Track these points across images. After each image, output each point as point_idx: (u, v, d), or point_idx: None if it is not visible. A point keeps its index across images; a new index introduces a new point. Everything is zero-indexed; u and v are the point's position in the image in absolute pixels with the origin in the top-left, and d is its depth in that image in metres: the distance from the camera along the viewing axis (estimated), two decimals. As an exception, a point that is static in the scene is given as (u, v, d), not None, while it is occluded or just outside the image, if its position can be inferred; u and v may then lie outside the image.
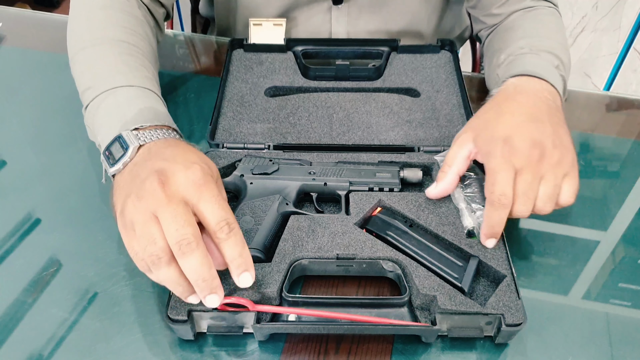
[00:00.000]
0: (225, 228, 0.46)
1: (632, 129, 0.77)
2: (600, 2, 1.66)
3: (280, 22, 0.79)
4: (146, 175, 0.47)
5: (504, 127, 0.56)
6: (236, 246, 0.47)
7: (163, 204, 0.45)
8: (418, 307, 0.54)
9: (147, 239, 0.45)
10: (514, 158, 0.54)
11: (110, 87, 0.58)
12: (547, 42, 0.69)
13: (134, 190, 0.47)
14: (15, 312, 0.55)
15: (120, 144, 0.52)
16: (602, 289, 0.59)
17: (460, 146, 0.58)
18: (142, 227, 0.45)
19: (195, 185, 0.46)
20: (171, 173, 0.47)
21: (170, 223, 0.44)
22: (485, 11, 0.79)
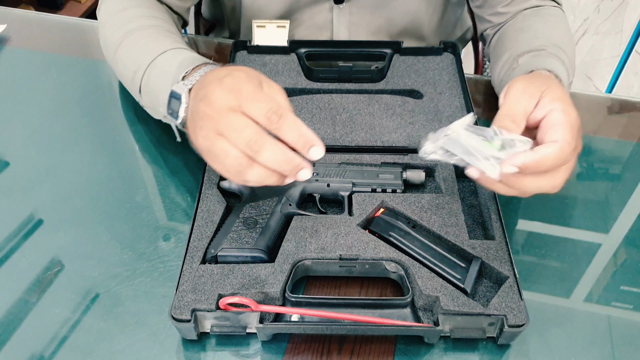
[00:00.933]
0: (273, 117, 0.48)
1: (633, 131, 0.77)
2: (602, 5, 1.67)
3: (283, 24, 0.79)
4: (196, 107, 0.51)
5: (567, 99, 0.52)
6: (291, 129, 0.48)
7: (218, 121, 0.48)
8: (421, 308, 0.54)
9: (223, 155, 0.49)
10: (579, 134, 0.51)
11: (148, 62, 0.63)
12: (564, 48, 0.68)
13: (195, 125, 0.51)
14: (18, 311, 0.56)
15: (175, 97, 0.56)
16: (604, 291, 0.59)
17: (532, 97, 0.51)
18: (214, 148, 0.49)
19: (233, 92, 0.49)
20: (211, 93, 0.50)
21: (230, 133, 0.48)
22: (492, 10, 0.79)
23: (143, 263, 0.59)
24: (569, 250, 0.62)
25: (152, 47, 0.65)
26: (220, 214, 0.59)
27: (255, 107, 0.48)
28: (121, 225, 0.63)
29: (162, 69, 0.62)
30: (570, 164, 0.51)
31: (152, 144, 0.73)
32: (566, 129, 0.50)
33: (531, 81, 0.54)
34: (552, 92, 0.52)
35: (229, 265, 0.55)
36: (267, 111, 0.48)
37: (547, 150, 0.49)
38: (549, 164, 0.49)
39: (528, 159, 0.48)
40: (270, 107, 0.48)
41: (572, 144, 0.50)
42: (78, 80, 0.82)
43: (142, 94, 0.65)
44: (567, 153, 0.49)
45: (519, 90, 0.52)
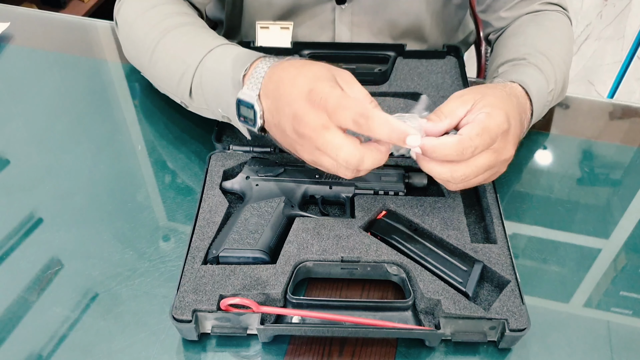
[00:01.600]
0: (361, 120, 0.49)
1: (635, 136, 0.77)
2: (604, 10, 1.67)
3: (287, 25, 0.80)
4: (289, 126, 0.52)
5: (509, 110, 0.55)
6: (381, 127, 0.49)
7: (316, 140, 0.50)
8: (422, 311, 0.54)
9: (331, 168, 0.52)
10: (502, 140, 0.53)
11: (197, 62, 0.62)
12: (550, 56, 0.68)
13: (292, 142, 0.53)
14: (18, 310, 0.55)
15: (245, 105, 0.56)
16: (605, 296, 0.59)
17: (464, 103, 0.54)
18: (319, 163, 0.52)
19: (321, 109, 0.50)
20: (301, 113, 0.51)
21: (331, 152, 0.50)
22: (494, 14, 0.80)
23: (144, 263, 0.59)
24: (570, 255, 0.62)
25: (197, 45, 0.64)
26: (222, 215, 0.59)
27: (343, 117, 0.49)
28: (122, 225, 0.63)
29: (215, 69, 0.61)
30: (477, 164, 0.52)
31: (153, 143, 0.73)
32: (475, 127, 0.52)
33: (472, 89, 0.57)
34: (486, 99, 0.55)
35: (231, 266, 0.55)
36: (354, 117, 0.49)
37: (445, 139, 0.52)
38: (444, 152, 0.51)
39: (427, 142, 0.51)
40: (356, 112, 0.49)
41: (476, 141, 0.51)
42: (80, 79, 0.82)
43: (194, 95, 0.64)
44: (464, 147, 0.51)
45: (456, 95, 0.56)
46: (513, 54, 0.70)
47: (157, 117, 0.76)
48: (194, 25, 0.68)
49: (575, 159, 0.74)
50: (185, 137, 0.73)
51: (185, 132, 0.73)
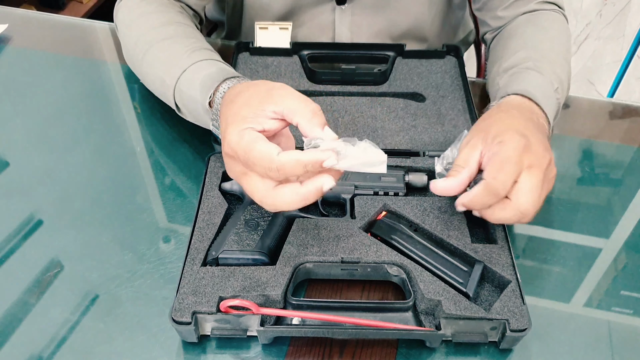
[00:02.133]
0: (272, 174, 0.49)
1: (635, 136, 0.77)
2: (604, 10, 1.67)
3: (286, 25, 0.79)
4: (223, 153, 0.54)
5: (518, 125, 0.55)
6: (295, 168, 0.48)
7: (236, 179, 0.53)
8: (422, 311, 0.53)
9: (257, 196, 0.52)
10: (527, 154, 0.53)
11: (173, 84, 0.65)
12: (550, 56, 0.68)
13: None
14: (18, 312, 0.55)
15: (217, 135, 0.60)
16: (606, 296, 0.59)
17: (473, 148, 0.56)
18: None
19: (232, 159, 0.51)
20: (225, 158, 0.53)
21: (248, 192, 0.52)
22: (491, 13, 0.79)
23: (143, 265, 0.59)
24: (571, 255, 0.62)
25: (172, 64, 0.66)
26: (222, 216, 0.59)
27: (256, 169, 0.49)
28: (121, 227, 0.63)
29: (188, 95, 0.63)
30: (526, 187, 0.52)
31: (152, 145, 0.73)
32: (494, 165, 0.53)
33: (475, 130, 0.58)
34: (491, 130, 0.55)
35: (230, 267, 0.55)
36: (267, 170, 0.48)
37: (474, 191, 0.53)
38: (481, 201, 0.53)
39: (464, 200, 0.54)
40: (265, 166, 0.48)
41: (500, 177, 0.52)
42: (79, 81, 0.82)
43: (182, 111, 0.67)
44: (494, 188, 0.52)
45: (465, 142, 0.57)
46: (511, 58, 0.69)
47: (156, 119, 0.76)
48: (174, 38, 0.69)
49: (576, 159, 0.73)
50: (185, 139, 0.72)
51: (184, 133, 0.73)
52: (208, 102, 0.60)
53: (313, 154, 0.48)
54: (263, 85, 0.53)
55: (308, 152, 0.48)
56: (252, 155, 0.48)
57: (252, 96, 0.52)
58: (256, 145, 0.49)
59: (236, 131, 0.50)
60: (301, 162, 0.48)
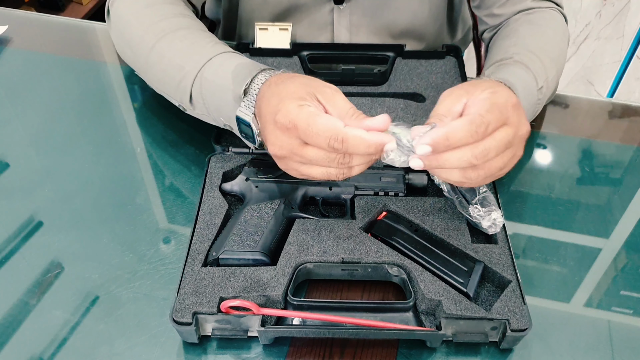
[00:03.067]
0: (336, 145, 0.48)
1: (634, 136, 0.77)
2: (603, 10, 1.67)
3: (286, 26, 0.79)
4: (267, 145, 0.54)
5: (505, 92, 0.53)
6: (358, 146, 0.49)
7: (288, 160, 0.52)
8: (423, 311, 0.53)
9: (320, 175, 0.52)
10: (516, 112, 0.51)
11: (196, 71, 0.62)
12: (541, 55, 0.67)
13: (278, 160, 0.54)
14: (18, 314, 0.55)
15: (243, 123, 0.57)
16: (607, 296, 0.59)
17: (457, 98, 0.52)
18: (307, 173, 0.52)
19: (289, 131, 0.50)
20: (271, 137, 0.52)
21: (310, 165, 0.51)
22: (487, 11, 0.80)
23: (144, 265, 0.59)
24: (571, 255, 0.62)
25: (194, 52, 0.64)
26: (222, 217, 0.59)
27: (317, 141, 0.49)
28: (122, 227, 0.63)
29: (215, 82, 0.61)
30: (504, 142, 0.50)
31: (153, 146, 0.73)
32: (484, 104, 0.50)
33: (459, 85, 0.55)
34: (480, 85, 0.53)
35: (231, 268, 0.55)
36: (329, 141, 0.48)
37: (455, 123, 0.49)
38: (458, 136, 0.48)
39: (435, 134, 0.48)
40: (330, 136, 0.48)
41: (487, 117, 0.49)
42: (79, 82, 0.82)
43: (195, 102, 0.64)
44: (477, 125, 0.48)
45: (445, 95, 0.54)
46: (501, 54, 0.69)
47: (156, 119, 0.76)
48: (191, 29, 0.67)
49: (575, 159, 0.73)
50: (185, 139, 0.72)
51: (184, 134, 0.73)
52: (243, 90, 0.57)
53: (378, 136, 0.49)
54: (313, 79, 0.54)
55: (373, 133, 0.49)
56: (317, 124, 0.48)
57: (307, 82, 0.53)
58: (320, 117, 0.49)
59: (295, 104, 0.50)
60: (366, 141, 0.48)
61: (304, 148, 0.50)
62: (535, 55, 0.67)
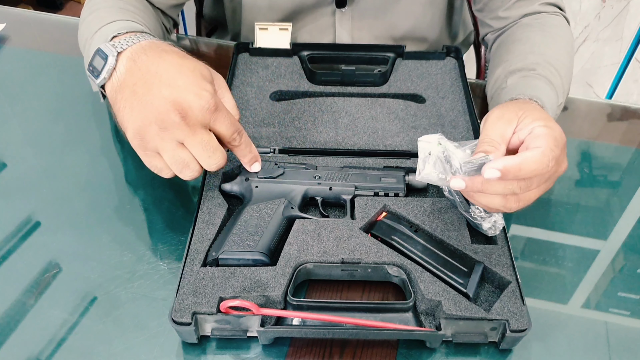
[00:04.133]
0: (237, 137, 0.56)
1: (633, 137, 0.77)
2: (602, 12, 1.67)
3: (286, 26, 0.79)
4: (161, 105, 0.51)
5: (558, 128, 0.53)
6: (247, 147, 0.58)
7: (189, 135, 0.52)
8: (423, 312, 0.53)
9: (181, 164, 0.53)
10: (564, 150, 0.52)
11: (98, 27, 0.63)
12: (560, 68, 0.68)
13: (152, 120, 0.52)
14: (17, 314, 0.55)
15: (100, 56, 0.55)
16: (606, 297, 0.59)
17: (508, 123, 0.52)
18: (173, 154, 0.53)
19: (210, 111, 0.52)
20: (187, 105, 0.52)
21: (201, 151, 0.53)
22: (492, 14, 0.79)
23: (143, 265, 0.59)
24: (569, 256, 0.62)
25: (104, 18, 0.64)
26: (222, 217, 0.59)
27: (226, 127, 0.54)
28: (121, 227, 0.63)
29: (102, 33, 0.61)
30: (547, 176, 0.51)
31: (152, 146, 0.72)
32: (549, 138, 0.51)
33: (507, 108, 0.55)
34: (531, 114, 0.53)
35: (230, 268, 0.55)
36: (233, 132, 0.55)
37: (529, 154, 0.49)
38: (530, 168, 0.49)
39: (510, 162, 0.48)
40: (236, 129, 0.55)
41: (555, 151, 0.50)
42: (77, 81, 0.82)
43: (85, 57, 0.64)
44: (549, 159, 0.49)
45: (495, 118, 0.53)
46: (521, 62, 0.68)
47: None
48: (121, 9, 0.67)
49: (574, 160, 0.74)
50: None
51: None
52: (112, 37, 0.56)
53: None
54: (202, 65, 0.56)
55: None
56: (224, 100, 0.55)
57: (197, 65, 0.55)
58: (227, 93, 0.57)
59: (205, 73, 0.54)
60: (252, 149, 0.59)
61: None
62: (555, 69, 0.67)
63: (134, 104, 0.52)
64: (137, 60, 0.54)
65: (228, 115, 0.54)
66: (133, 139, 0.53)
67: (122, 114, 0.53)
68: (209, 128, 0.53)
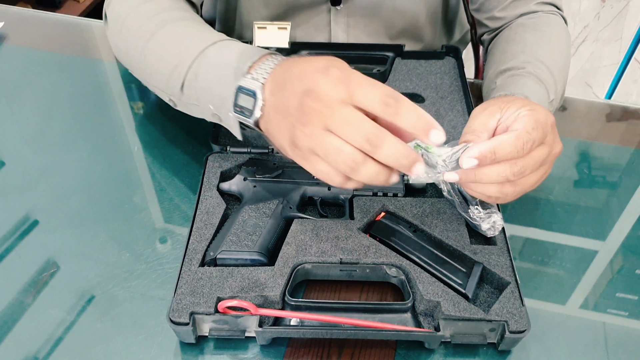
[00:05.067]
0: (391, 101, 0.45)
1: (632, 138, 0.77)
2: (602, 12, 1.67)
3: (285, 25, 0.79)
4: (296, 102, 0.47)
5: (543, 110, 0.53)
6: (410, 112, 0.45)
7: (329, 116, 0.45)
8: (421, 312, 0.53)
9: (335, 153, 0.45)
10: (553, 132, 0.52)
11: (197, 54, 0.58)
12: (551, 66, 0.67)
13: (294, 121, 0.47)
14: (14, 313, 0.55)
15: (245, 93, 0.52)
16: (606, 298, 0.59)
17: (491, 115, 0.52)
18: (323, 145, 0.46)
19: (342, 83, 0.46)
20: (316, 86, 0.46)
21: (347, 128, 0.44)
22: (489, 14, 0.79)
23: (141, 265, 0.59)
24: (569, 257, 0.62)
25: (197, 38, 0.60)
26: (220, 216, 0.59)
27: (371, 93, 0.45)
28: (119, 227, 0.62)
29: (217, 61, 0.56)
30: (540, 160, 0.51)
31: (150, 144, 0.72)
32: (529, 120, 0.50)
33: (491, 102, 0.55)
34: (515, 104, 0.53)
35: (228, 268, 0.54)
36: (383, 97, 0.44)
37: (504, 137, 0.49)
38: (505, 151, 0.48)
39: (483, 147, 0.48)
40: (386, 92, 0.45)
41: (533, 134, 0.49)
42: (75, 79, 0.82)
43: (186, 89, 0.59)
44: (524, 141, 0.49)
45: (479, 111, 0.54)
46: (511, 61, 0.68)
47: (153, 118, 0.75)
48: (193, 20, 0.65)
49: (573, 161, 0.74)
50: (182, 138, 0.72)
51: (182, 133, 0.72)
52: (248, 66, 0.52)
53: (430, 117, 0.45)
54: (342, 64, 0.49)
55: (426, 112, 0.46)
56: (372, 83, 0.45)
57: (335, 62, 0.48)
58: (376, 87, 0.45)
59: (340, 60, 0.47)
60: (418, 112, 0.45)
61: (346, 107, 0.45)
62: (545, 66, 0.67)
63: (279, 121, 0.49)
64: (277, 81, 0.50)
65: (367, 81, 0.45)
66: (292, 154, 0.49)
67: (276, 138, 0.50)
68: (353, 106, 0.45)
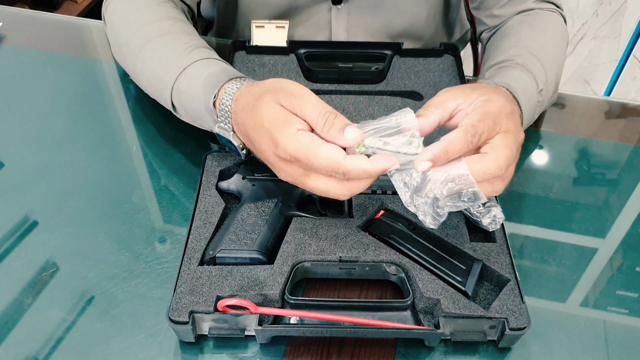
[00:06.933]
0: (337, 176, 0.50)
1: (631, 134, 0.77)
2: (600, 9, 1.68)
3: (282, 24, 0.79)
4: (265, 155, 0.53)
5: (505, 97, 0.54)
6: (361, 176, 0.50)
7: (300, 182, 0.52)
8: (421, 310, 0.53)
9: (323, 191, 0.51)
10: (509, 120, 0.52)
11: (172, 82, 0.63)
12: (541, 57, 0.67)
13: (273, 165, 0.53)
14: (14, 313, 0.55)
15: (224, 141, 0.59)
16: (606, 295, 0.59)
17: (453, 97, 0.53)
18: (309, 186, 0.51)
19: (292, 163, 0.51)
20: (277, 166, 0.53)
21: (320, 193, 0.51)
22: (487, 12, 0.79)
23: (140, 264, 0.59)
24: (569, 254, 0.62)
25: (170, 62, 0.64)
26: (219, 215, 0.59)
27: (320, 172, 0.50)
28: (118, 226, 0.62)
29: (188, 94, 0.62)
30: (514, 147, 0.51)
31: (148, 144, 0.72)
32: (476, 114, 0.51)
33: (460, 86, 0.55)
34: (480, 90, 0.54)
35: (228, 266, 0.54)
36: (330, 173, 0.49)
37: (452, 135, 0.50)
38: (456, 148, 0.49)
39: (436, 149, 0.49)
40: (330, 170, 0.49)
41: (480, 127, 0.50)
42: (74, 80, 0.82)
43: (178, 111, 0.66)
44: (472, 134, 0.50)
45: (444, 91, 0.54)
46: (503, 55, 0.68)
47: (152, 117, 0.75)
48: (172, 33, 0.67)
49: (572, 158, 0.74)
50: (181, 137, 0.72)
51: (180, 132, 0.72)
52: (212, 102, 0.58)
53: (378, 163, 0.49)
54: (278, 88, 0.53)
55: (373, 161, 0.49)
56: (316, 160, 0.48)
57: (276, 98, 0.51)
58: (319, 150, 0.48)
59: (288, 136, 0.49)
60: (367, 172, 0.49)
61: (306, 178, 0.51)
62: (536, 58, 0.67)
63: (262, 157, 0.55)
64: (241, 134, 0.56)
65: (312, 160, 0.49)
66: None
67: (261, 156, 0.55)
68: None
